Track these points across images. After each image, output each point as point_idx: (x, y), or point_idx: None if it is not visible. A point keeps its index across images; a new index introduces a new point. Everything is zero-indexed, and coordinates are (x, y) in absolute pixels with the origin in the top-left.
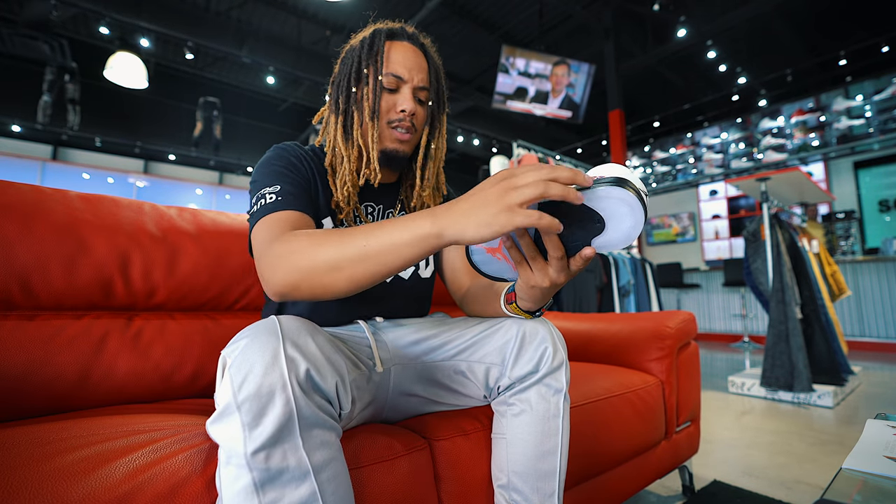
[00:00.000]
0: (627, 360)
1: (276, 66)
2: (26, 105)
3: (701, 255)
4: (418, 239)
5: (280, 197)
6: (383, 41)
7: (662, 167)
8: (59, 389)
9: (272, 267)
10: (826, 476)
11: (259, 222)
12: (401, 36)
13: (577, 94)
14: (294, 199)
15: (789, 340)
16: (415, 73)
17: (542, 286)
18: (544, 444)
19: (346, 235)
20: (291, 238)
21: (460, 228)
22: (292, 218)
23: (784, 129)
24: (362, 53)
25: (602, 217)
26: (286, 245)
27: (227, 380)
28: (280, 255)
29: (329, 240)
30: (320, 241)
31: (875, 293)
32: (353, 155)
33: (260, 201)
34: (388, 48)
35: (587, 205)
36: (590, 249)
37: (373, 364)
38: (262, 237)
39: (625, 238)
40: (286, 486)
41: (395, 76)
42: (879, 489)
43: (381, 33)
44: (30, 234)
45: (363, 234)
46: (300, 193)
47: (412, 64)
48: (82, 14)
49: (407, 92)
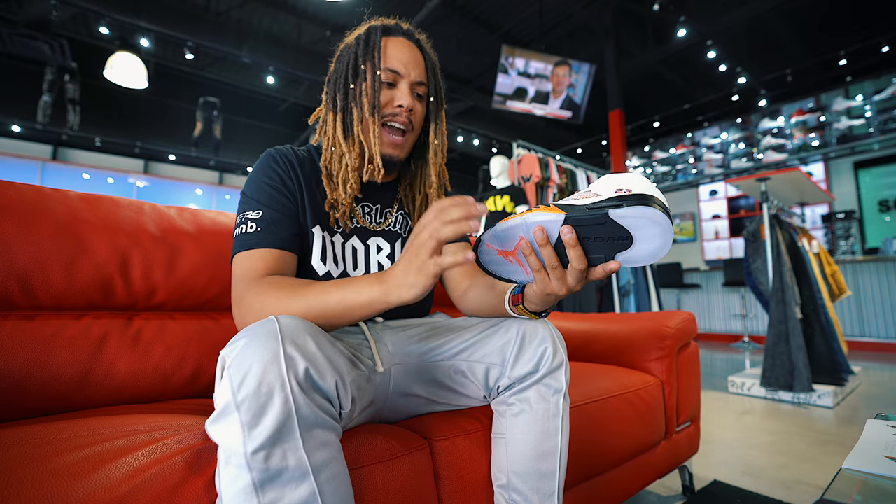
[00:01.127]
0: (627, 360)
1: (276, 66)
2: (26, 105)
3: (701, 255)
4: (370, 301)
5: (260, 228)
6: (379, 37)
7: (662, 167)
8: (59, 389)
9: (245, 315)
10: (826, 476)
11: (237, 257)
12: (396, 32)
13: (577, 94)
14: (275, 229)
15: (789, 340)
16: (411, 68)
17: (559, 294)
18: (544, 444)
19: (310, 293)
20: (263, 289)
21: (399, 294)
22: (268, 258)
23: (784, 129)
24: (358, 50)
25: (630, 234)
26: (258, 296)
27: (226, 379)
28: (252, 306)
29: (295, 296)
30: (288, 297)
31: (875, 293)
32: (356, 152)
33: (242, 226)
34: (385, 44)
35: (615, 220)
36: (615, 264)
37: (373, 364)
38: (238, 277)
39: (651, 255)
40: (285, 487)
41: (392, 71)
42: (879, 489)
43: (376, 30)
44: (30, 234)
45: (325, 292)
46: (282, 220)
47: (408, 59)
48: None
49: (404, 87)
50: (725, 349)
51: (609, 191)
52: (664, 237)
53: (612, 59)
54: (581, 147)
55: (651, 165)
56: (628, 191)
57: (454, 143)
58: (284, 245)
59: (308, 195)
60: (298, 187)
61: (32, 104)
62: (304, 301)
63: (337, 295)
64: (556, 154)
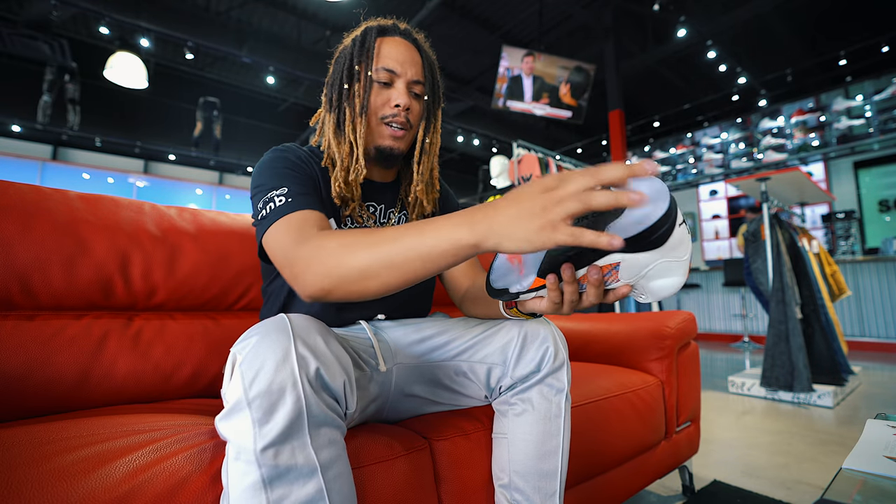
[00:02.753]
0: (627, 360)
1: (276, 66)
2: (26, 105)
3: (701, 255)
4: (455, 248)
5: (290, 198)
6: (374, 38)
7: (662, 167)
8: (59, 389)
9: (303, 272)
10: (826, 476)
11: (274, 225)
12: (392, 32)
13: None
14: (305, 198)
15: (789, 340)
16: (408, 66)
17: (565, 314)
18: (546, 444)
19: (378, 240)
20: (320, 240)
21: (499, 240)
22: (311, 218)
23: (784, 129)
24: (354, 51)
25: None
26: (316, 249)
27: (237, 376)
28: (311, 260)
29: (360, 244)
30: (351, 245)
31: (875, 293)
32: (345, 151)
33: (269, 205)
34: (380, 44)
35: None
36: (626, 287)
37: (375, 364)
38: (284, 241)
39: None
40: (294, 483)
41: (387, 70)
42: (879, 489)
43: (372, 30)
44: (30, 234)
45: (396, 239)
46: (310, 192)
47: (405, 58)
48: (82, 14)
49: (401, 86)
50: (725, 349)
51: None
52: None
53: (611, 59)
54: (581, 147)
55: None
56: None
57: (454, 143)
58: (321, 209)
59: (324, 185)
60: (315, 173)
61: (32, 104)
62: (369, 246)
63: (411, 239)
64: (556, 154)
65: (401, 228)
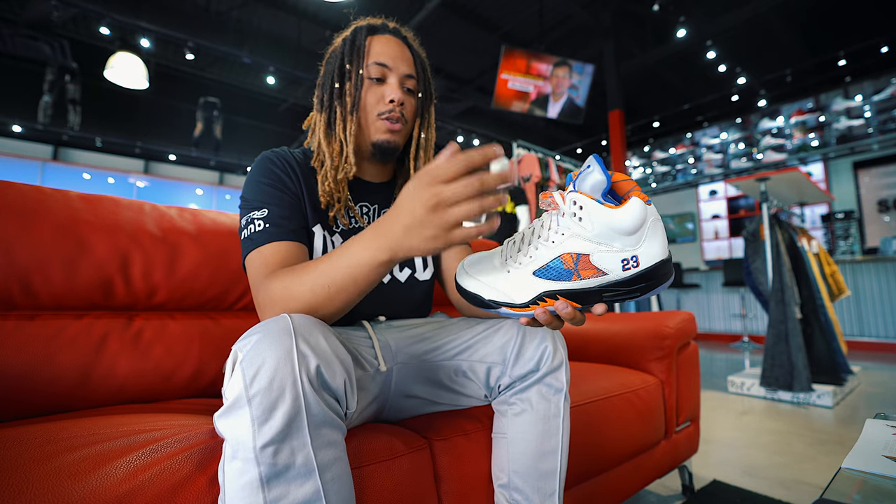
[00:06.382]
0: (627, 360)
1: (276, 67)
2: (27, 105)
3: (701, 255)
4: (374, 265)
5: (268, 224)
6: (365, 36)
7: (662, 167)
8: (59, 389)
9: (262, 312)
10: (825, 476)
11: (250, 255)
12: (383, 30)
13: (580, 96)
14: (283, 224)
15: (789, 340)
16: (399, 62)
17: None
18: (545, 444)
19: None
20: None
21: (407, 252)
22: (281, 250)
23: (784, 130)
24: (345, 50)
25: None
26: (267, 294)
27: (238, 373)
28: (267, 302)
29: (297, 284)
30: (290, 288)
31: (874, 293)
32: (336, 150)
33: (249, 227)
34: (371, 42)
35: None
36: (601, 307)
37: (376, 364)
38: (254, 275)
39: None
40: (291, 483)
41: (380, 64)
42: (879, 489)
43: (362, 29)
44: (30, 234)
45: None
46: (289, 215)
47: (396, 54)
48: (83, 14)
49: (394, 81)
50: (725, 349)
51: (615, 263)
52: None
53: (611, 60)
54: (581, 147)
55: (651, 165)
56: (635, 262)
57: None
58: (295, 237)
59: (308, 193)
60: (298, 185)
61: (33, 104)
62: (308, 282)
63: (335, 270)
64: (555, 154)
65: (331, 257)
